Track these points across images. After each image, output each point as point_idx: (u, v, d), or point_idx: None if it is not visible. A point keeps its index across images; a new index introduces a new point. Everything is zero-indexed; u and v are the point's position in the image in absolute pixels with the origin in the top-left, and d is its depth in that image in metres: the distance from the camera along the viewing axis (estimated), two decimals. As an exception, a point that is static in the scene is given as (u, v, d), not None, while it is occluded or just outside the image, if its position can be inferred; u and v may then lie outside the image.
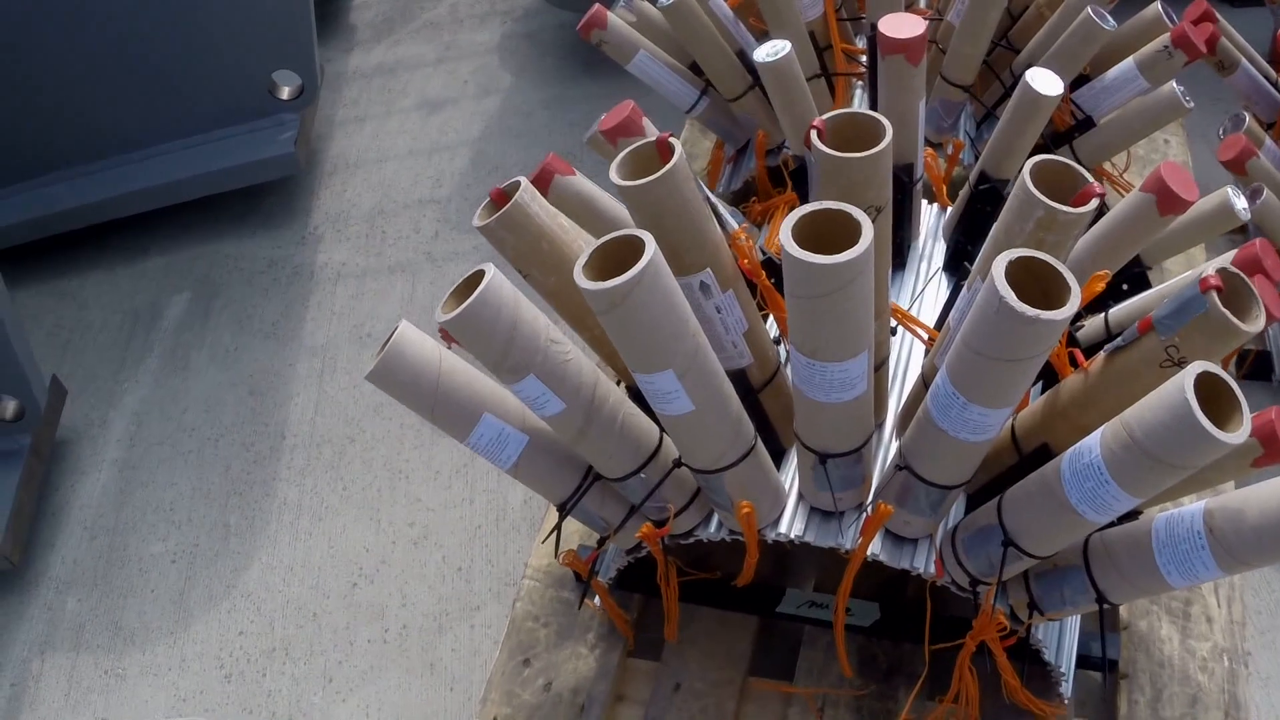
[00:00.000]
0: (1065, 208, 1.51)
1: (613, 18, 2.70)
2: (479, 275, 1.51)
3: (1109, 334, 2.01)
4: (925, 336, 1.95)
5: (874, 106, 2.62)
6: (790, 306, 1.44)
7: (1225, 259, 1.86)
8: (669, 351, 1.46)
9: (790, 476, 1.90)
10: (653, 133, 2.04)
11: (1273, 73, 3.14)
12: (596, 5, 2.69)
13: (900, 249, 2.23)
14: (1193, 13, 2.94)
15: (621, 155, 1.58)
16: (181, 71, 3.94)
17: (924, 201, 2.37)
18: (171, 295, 4.08)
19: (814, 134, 1.55)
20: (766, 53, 2.10)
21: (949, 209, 2.35)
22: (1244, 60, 3.01)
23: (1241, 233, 3.31)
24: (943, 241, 2.32)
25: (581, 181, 2.07)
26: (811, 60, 2.56)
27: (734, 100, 2.67)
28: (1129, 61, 2.48)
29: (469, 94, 4.83)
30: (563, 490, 1.85)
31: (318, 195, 4.43)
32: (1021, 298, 1.30)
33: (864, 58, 2.76)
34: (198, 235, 4.31)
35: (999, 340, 1.35)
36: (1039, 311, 1.29)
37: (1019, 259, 1.36)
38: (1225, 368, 2.91)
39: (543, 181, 2.01)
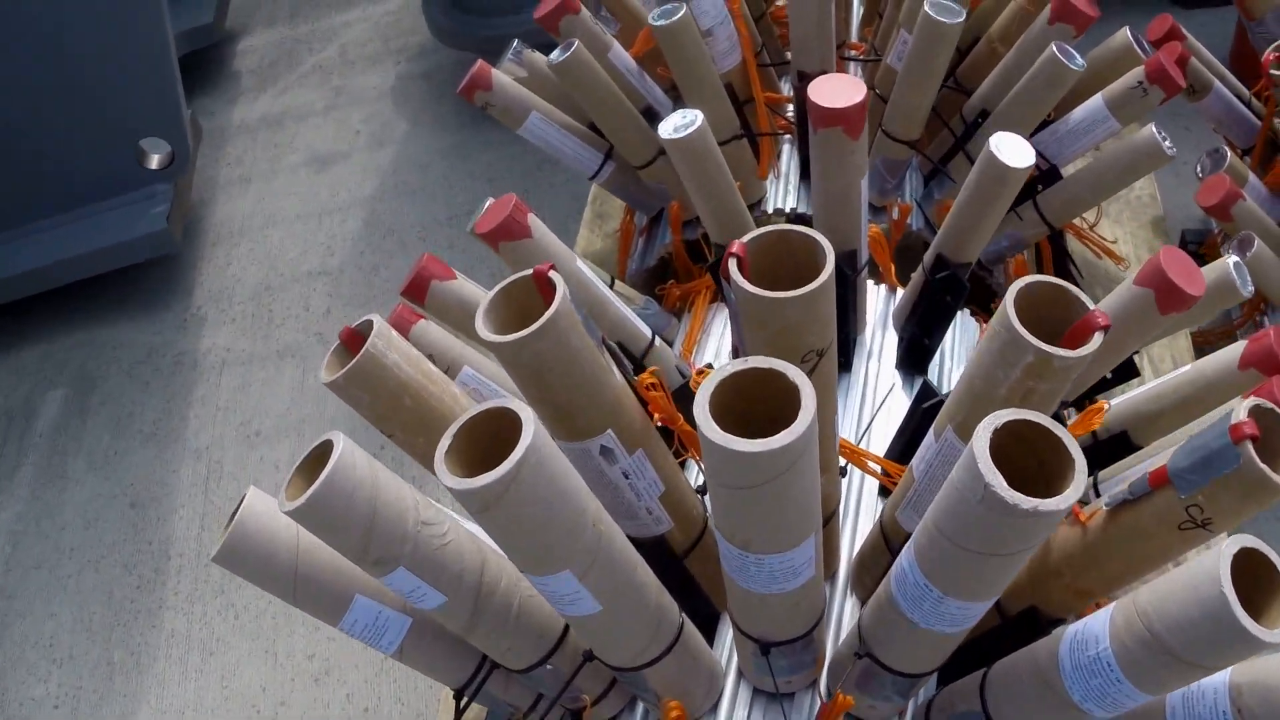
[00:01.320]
0: (1063, 352, 1.22)
1: (499, 76, 2.42)
2: (327, 447, 1.22)
3: (1095, 441, 1.75)
4: (879, 470, 1.68)
5: (805, 170, 2.36)
6: (713, 492, 1.16)
7: (1234, 352, 1.61)
8: (564, 551, 1.18)
9: (727, 647, 1.61)
10: (542, 237, 1.76)
11: (1244, 90, 2.88)
12: (479, 62, 2.40)
13: (845, 346, 1.95)
14: (1156, 30, 2.70)
15: (490, 298, 1.29)
16: (41, 143, 3.65)
17: (869, 282, 2.10)
18: (47, 391, 3.80)
19: (732, 264, 1.26)
20: (675, 126, 1.81)
21: (899, 291, 2.08)
22: (1216, 82, 2.75)
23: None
24: (893, 331, 2.04)
25: (464, 286, 1.83)
26: (730, 119, 2.27)
27: (642, 168, 2.38)
28: (1097, 100, 2.21)
29: (361, 146, 4.55)
30: (458, 675, 1.58)
31: (200, 270, 4.16)
32: (1005, 466, 1.02)
33: (791, 107, 2.48)
34: (75, 322, 4.05)
35: (984, 534, 1.08)
36: (1038, 502, 1.00)
37: (1005, 424, 1.08)
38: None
39: (417, 290, 1.78)
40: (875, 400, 1.95)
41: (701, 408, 1.08)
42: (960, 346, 2.08)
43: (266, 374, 3.74)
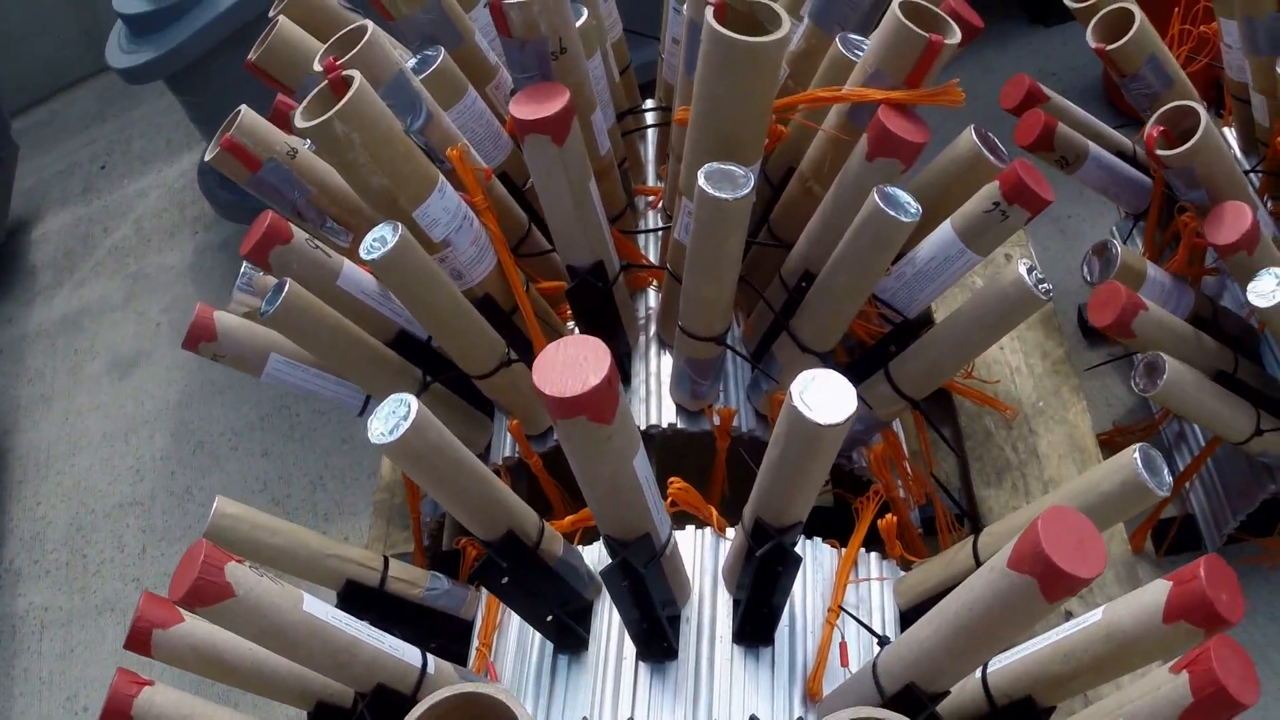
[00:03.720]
0: None
1: (225, 319, 2.00)
2: None
3: (992, 709, 1.38)
4: None
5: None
6: None
7: (1157, 596, 1.22)
8: None
9: None
10: (251, 590, 1.34)
11: (1127, 143, 2.45)
12: (198, 308, 1.98)
13: (658, 631, 1.53)
14: (1013, 95, 2.36)
15: None
16: None
17: (689, 530, 1.71)
18: None
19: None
20: (380, 429, 1.37)
21: (730, 533, 1.66)
22: (1091, 145, 2.31)
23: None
24: (726, 593, 1.62)
25: (195, 629, 1.53)
26: (491, 346, 1.84)
27: (484, 377, 1.93)
28: (947, 230, 1.78)
29: (163, 340, 4.13)
30: None
31: (9, 513, 3.80)
32: None
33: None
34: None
35: None
36: None
37: None
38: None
39: (139, 643, 1.51)
40: (711, 700, 1.51)
41: None
42: (813, 593, 1.65)
43: (88, 635, 3.31)
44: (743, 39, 1.50)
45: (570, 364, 1.20)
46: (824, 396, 1.25)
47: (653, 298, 2.08)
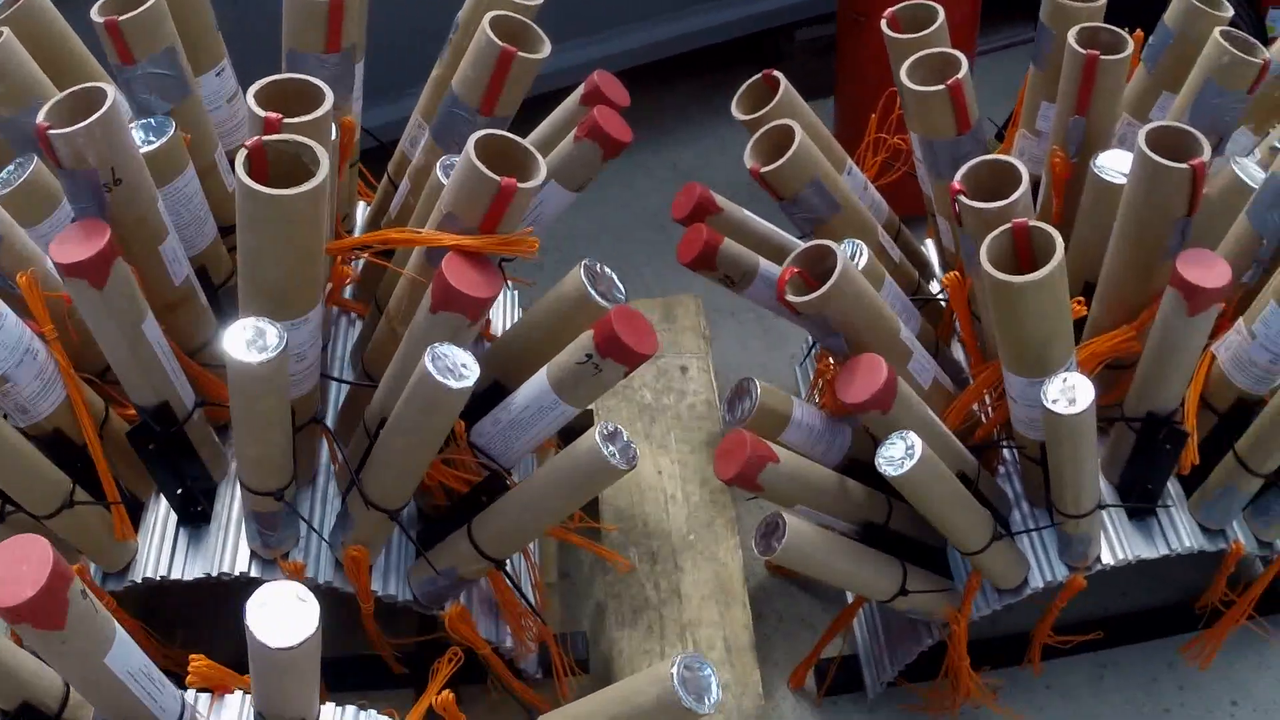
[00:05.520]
0: None
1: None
2: None
3: None
4: None
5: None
6: None
7: None
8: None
9: None
10: None
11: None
12: None
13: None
14: (683, 205, 2.24)
15: None
16: None
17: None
18: None
19: None
20: None
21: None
22: (762, 263, 2.25)
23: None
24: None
25: None
26: (52, 486, 1.79)
27: (48, 517, 1.82)
28: (541, 378, 1.74)
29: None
30: None
31: None
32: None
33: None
34: None
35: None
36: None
37: None
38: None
39: None
40: None
41: None
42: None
43: None
44: (266, 192, 1.46)
45: (11, 569, 1.16)
46: (282, 615, 1.21)
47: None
